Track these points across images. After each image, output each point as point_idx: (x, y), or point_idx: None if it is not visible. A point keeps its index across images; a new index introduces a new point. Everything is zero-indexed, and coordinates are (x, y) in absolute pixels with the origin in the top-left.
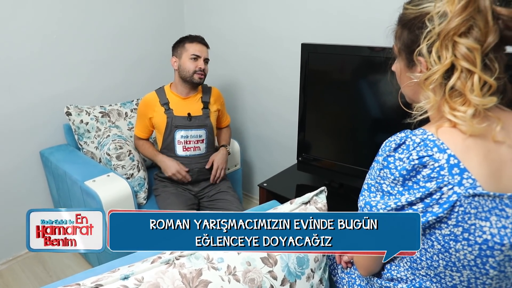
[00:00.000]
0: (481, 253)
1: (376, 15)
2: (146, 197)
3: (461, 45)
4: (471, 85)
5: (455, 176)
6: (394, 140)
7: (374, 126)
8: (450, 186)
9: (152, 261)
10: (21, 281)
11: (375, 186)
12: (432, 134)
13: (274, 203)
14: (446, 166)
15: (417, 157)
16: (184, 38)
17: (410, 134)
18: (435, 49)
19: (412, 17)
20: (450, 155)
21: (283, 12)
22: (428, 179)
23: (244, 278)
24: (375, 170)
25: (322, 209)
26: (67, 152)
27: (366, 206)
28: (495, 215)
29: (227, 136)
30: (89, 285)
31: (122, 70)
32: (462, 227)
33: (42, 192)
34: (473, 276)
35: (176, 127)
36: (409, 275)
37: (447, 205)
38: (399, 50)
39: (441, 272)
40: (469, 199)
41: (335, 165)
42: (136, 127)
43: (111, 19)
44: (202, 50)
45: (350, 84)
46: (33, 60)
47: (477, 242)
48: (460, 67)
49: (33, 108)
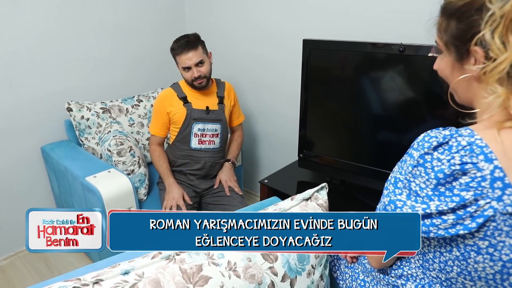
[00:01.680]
0: (503, 270)
1: (378, 11)
2: (146, 193)
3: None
4: None
5: (496, 190)
6: (436, 137)
7: (376, 123)
8: (488, 200)
9: (152, 257)
10: (23, 276)
11: (403, 182)
12: (480, 138)
13: (275, 199)
14: (489, 178)
15: (460, 163)
16: (172, 49)
17: (456, 133)
18: (498, 35)
19: (460, 5)
20: (496, 166)
21: (285, 8)
22: (465, 188)
23: (245, 274)
24: (407, 165)
25: (323, 206)
26: (68, 148)
27: (390, 204)
28: None
29: (235, 147)
30: (89, 280)
31: (123, 67)
32: (489, 242)
33: (43, 188)
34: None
35: (195, 120)
36: (419, 273)
37: (481, 220)
38: (445, 43)
39: (453, 278)
40: (505, 216)
41: (336, 162)
42: (153, 125)
43: (112, 15)
44: (189, 58)
45: (352, 81)
46: (33, 56)
47: (502, 259)
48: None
49: (34, 104)
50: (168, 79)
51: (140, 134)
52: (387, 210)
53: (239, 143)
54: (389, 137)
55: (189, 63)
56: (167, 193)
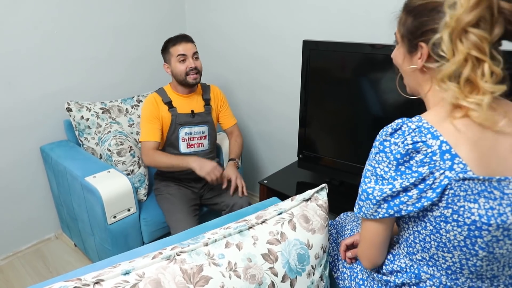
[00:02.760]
0: (470, 234)
1: (377, 13)
2: (146, 194)
3: (472, 35)
4: (481, 73)
5: (446, 161)
6: (391, 126)
7: (375, 123)
8: (442, 171)
9: (153, 257)
10: (22, 276)
11: (370, 171)
12: (427, 122)
13: (275, 200)
14: (438, 151)
15: (411, 142)
16: (167, 42)
17: (407, 120)
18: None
19: (418, 4)
20: (442, 141)
21: (285, 9)
22: (420, 164)
23: (245, 274)
24: (372, 154)
25: (323, 206)
26: (68, 148)
27: (363, 193)
28: (484, 197)
29: (236, 147)
30: (90, 280)
31: (123, 67)
32: (452, 208)
33: (42, 188)
34: (464, 257)
35: (180, 125)
36: (408, 262)
37: (439, 189)
38: (401, 36)
39: (434, 254)
40: (459, 182)
41: (336, 163)
42: (147, 132)
43: (112, 15)
44: (186, 47)
45: (351, 82)
46: (33, 56)
47: (466, 223)
48: (470, 57)
49: (33, 103)
50: (167, 80)
51: (139, 134)
52: (361, 199)
53: (240, 144)
54: None
55: (187, 52)
56: (201, 169)
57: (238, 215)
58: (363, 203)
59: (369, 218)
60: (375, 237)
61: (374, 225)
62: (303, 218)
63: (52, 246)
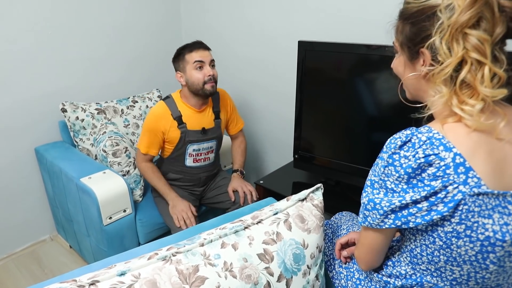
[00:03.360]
0: (482, 249)
1: (373, 13)
2: (142, 194)
3: (471, 37)
4: (481, 76)
5: (460, 175)
6: (400, 138)
7: (370, 124)
8: (456, 185)
9: (148, 258)
10: (16, 279)
11: (378, 183)
12: (437, 132)
13: (271, 200)
14: (452, 165)
15: (424, 156)
16: (181, 49)
17: (416, 131)
18: (445, 42)
19: (414, 11)
20: (456, 153)
21: (280, 10)
22: (433, 178)
23: (241, 274)
24: (379, 167)
25: (318, 206)
26: (63, 149)
27: (369, 203)
28: (498, 213)
29: (239, 155)
30: (85, 281)
31: (118, 68)
32: (465, 224)
33: (37, 189)
34: (473, 271)
35: (190, 142)
36: (409, 270)
37: (452, 204)
38: (400, 44)
39: (442, 267)
40: (473, 197)
41: (332, 163)
42: (143, 143)
43: (108, 16)
44: (204, 54)
45: (347, 82)
46: (28, 56)
47: (479, 239)
48: (470, 59)
49: (28, 104)
50: (163, 81)
51: (135, 135)
52: (367, 209)
53: (242, 150)
54: (383, 138)
55: (205, 59)
56: (173, 207)
57: (234, 215)
58: (369, 212)
59: (373, 228)
60: (375, 244)
61: (376, 235)
62: (298, 218)
63: (47, 248)
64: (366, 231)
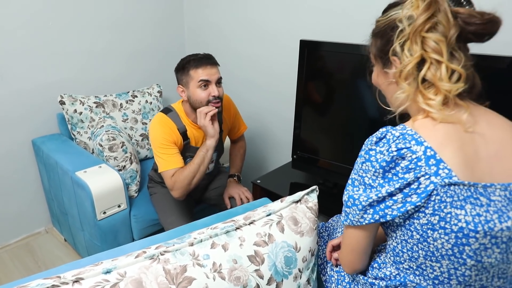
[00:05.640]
0: (457, 241)
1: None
2: (137, 190)
3: (429, 39)
4: (440, 74)
5: (431, 166)
6: (376, 135)
7: (370, 126)
8: (427, 176)
9: (136, 256)
10: (9, 270)
11: (358, 180)
12: (410, 129)
13: (265, 201)
14: (423, 157)
15: (396, 149)
16: (186, 62)
17: (391, 129)
18: (406, 46)
19: (382, 26)
20: (427, 147)
21: (282, 8)
22: (406, 170)
23: (230, 276)
24: (358, 164)
25: (312, 209)
26: (60, 141)
27: (349, 199)
28: (470, 204)
29: (238, 159)
30: (69, 278)
31: (118, 62)
32: (439, 215)
33: (33, 181)
34: (452, 267)
35: (190, 157)
36: (394, 271)
37: (424, 194)
38: (375, 57)
39: (422, 263)
40: (445, 188)
41: (330, 164)
42: (169, 161)
43: (109, 9)
44: (211, 72)
45: (348, 83)
46: (27, 47)
47: (453, 230)
48: (429, 59)
49: (26, 96)
50: (164, 76)
51: (133, 130)
52: (348, 206)
53: (242, 154)
54: None
55: (211, 78)
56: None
57: (227, 215)
58: (349, 209)
59: (355, 225)
60: (356, 244)
61: (357, 232)
62: (292, 220)
63: (42, 240)
64: (348, 230)
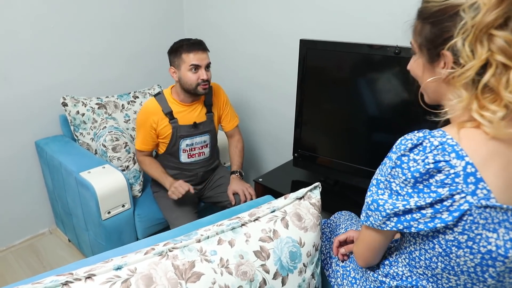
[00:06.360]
0: (482, 262)
1: (377, 15)
2: (141, 190)
3: (498, 38)
4: (506, 81)
5: (469, 185)
6: (411, 140)
7: (371, 124)
8: (463, 195)
9: (145, 252)
10: (14, 271)
11: (384, 183)
12: (451, 138)
13: (269, 198)
14: (462, 173)
15: (433, 161)
16: (179, 46)
17: (429, 135)
18: (468, 43)
19: (435, 10)
20: (468, 163)
21: (282, 8)
22: (441, 185)
23: (237, 271)
24: (387, 167)
25: (315, 205)
26: (63, 143)
27: (373, 203)
28: (504, 228)
29: (237, 155)
30: (82, 274)
31: (120, 63)
32: (468, 235)
33: (36, 182)
34: (470, 282)
35: (182, 137)
36: (406, 272)
37: (457, 214)
38: (419, 46)
39: (439, 274)
40: (480, 209)
41: (331, 162)
42: (138, 140)
43: (110, 10)
44: (201, 58)
45: (348, 81)
46: (29, 49)
47: (480, 252)
48: (495, 62)
49: (29, 98)
50: (165, 77)
51: (135, 130)
52: (370, 209)
53: (240, 150)
54: (384, 138)
55: (201, 62)
56: (171, 186)
57: (231, 212)
58: (371, 212)
59: (375, 228)
60: (373, 243)
61: (375, 234)
62: (295, 216)
63: (46, 241)
64: (367, 230)
